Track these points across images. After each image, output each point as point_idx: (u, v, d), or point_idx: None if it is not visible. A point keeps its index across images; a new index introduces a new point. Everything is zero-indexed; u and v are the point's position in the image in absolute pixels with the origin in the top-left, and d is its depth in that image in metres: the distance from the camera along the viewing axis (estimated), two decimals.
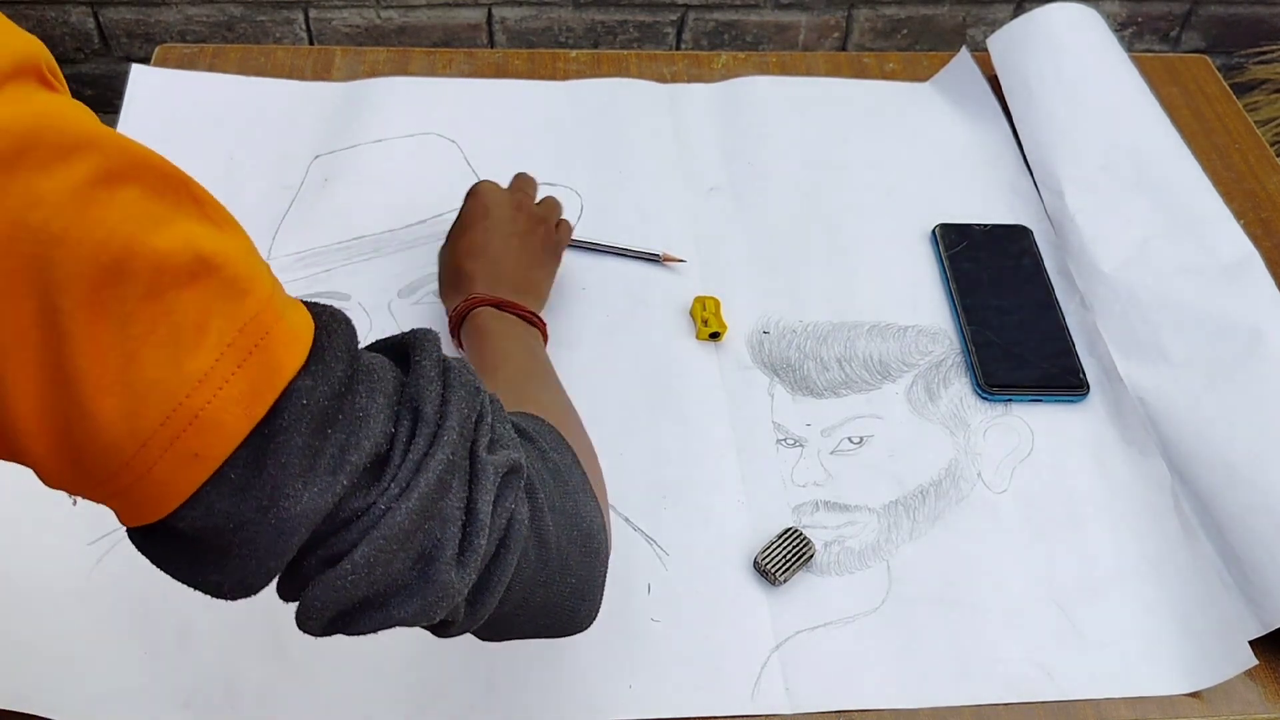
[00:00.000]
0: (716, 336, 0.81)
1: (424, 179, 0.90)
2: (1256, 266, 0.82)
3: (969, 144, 0.97)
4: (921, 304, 0.85)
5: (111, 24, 1.71)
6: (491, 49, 1.28)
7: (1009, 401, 0.79)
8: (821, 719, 0.64)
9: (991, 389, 0.78)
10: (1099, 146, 0.91)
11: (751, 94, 1.00)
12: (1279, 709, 0.65)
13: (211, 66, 0.98)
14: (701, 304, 0.82)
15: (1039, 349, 0.81)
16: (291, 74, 0.99)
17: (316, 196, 0.88)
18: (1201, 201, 0.88)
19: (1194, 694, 0.66)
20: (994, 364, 0.80)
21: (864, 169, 0.95)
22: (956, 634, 0.67)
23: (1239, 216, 0.88)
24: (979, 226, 0.89)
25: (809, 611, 0.68)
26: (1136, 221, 0.86)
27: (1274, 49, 1.74)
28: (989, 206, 0.92)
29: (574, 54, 1.03)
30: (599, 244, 0.86)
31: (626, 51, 1.09)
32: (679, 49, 1.78)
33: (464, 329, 0.71)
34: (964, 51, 1.02)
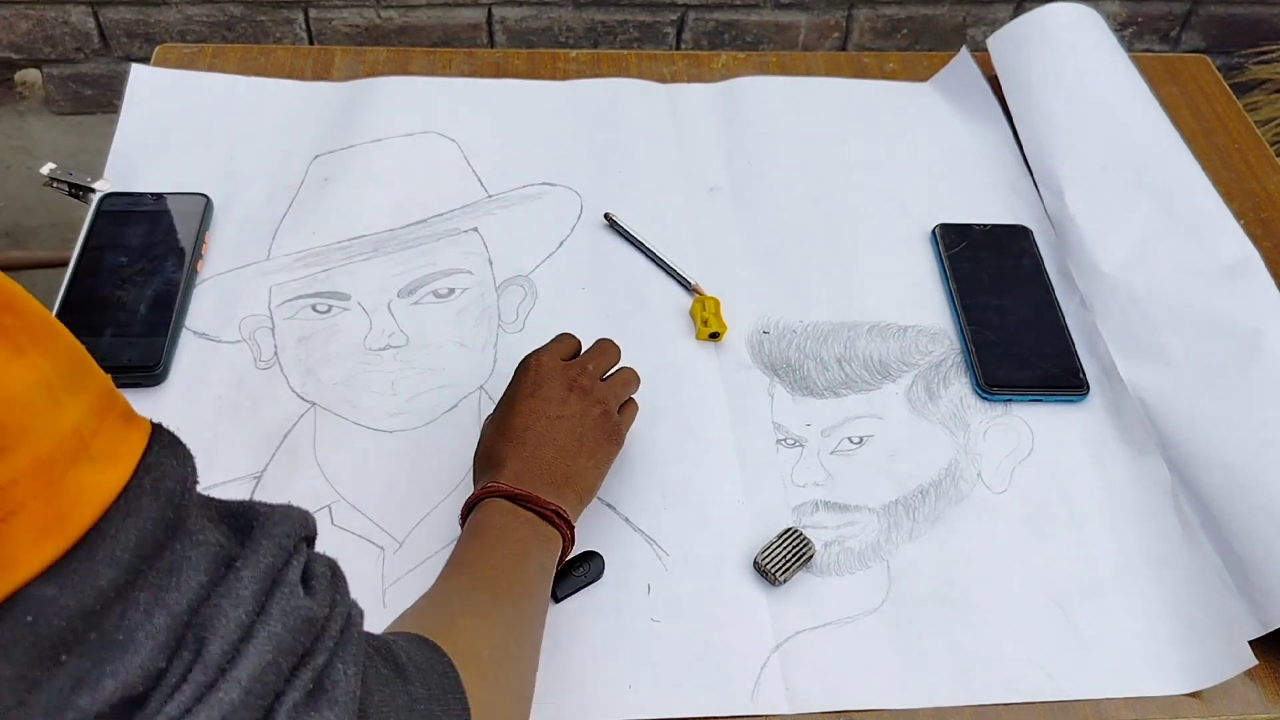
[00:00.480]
0: (716, 336, 0.81)
1: (424, 179, 0.90)
2: (1256, 267, 0.82)
3: (969, 144, 0.97)
4: (921, 304, 0.85)
5: (111, 24, 1.71)
6: (491, 49, 1.28)
7: (1009, 401, 0.79)
8: (821, 719, 0.64)
9: (991, 389, 0.78)
10: (1099, 146, 0.91)
11: (751, 94, 1.00)
12: (1279, 709, 0.65)
13: (211, 66, 0.98)
14: (701, 304, 0.82)
15: (1039, 349, 0.81)
16: (291, 74, 0.99)
17: (316, 196, 0.88)
18: (1201, 201, 0.88)
19: (1194, 694, 0.66)
20: (994, 364, 0.80)
21: (864, 169, 0.95)
22: (956, 634, 0.67)
23: (1239, 216, 0.88)
24: (979, 226, 0.89)
25: (809, 611, 0.68)
26: (1136, 221, 0.86)
27: (1274, 49, 1.74)
28: (989, 206, 0.92)
29: (574, 54, 1.03)
30: (644, 243, 0.86)
31: (626, 51, 1.09)
32: (679, 49, 1.78)
33: (468, 520, 0.61)
34: (964, 51, 1.02)
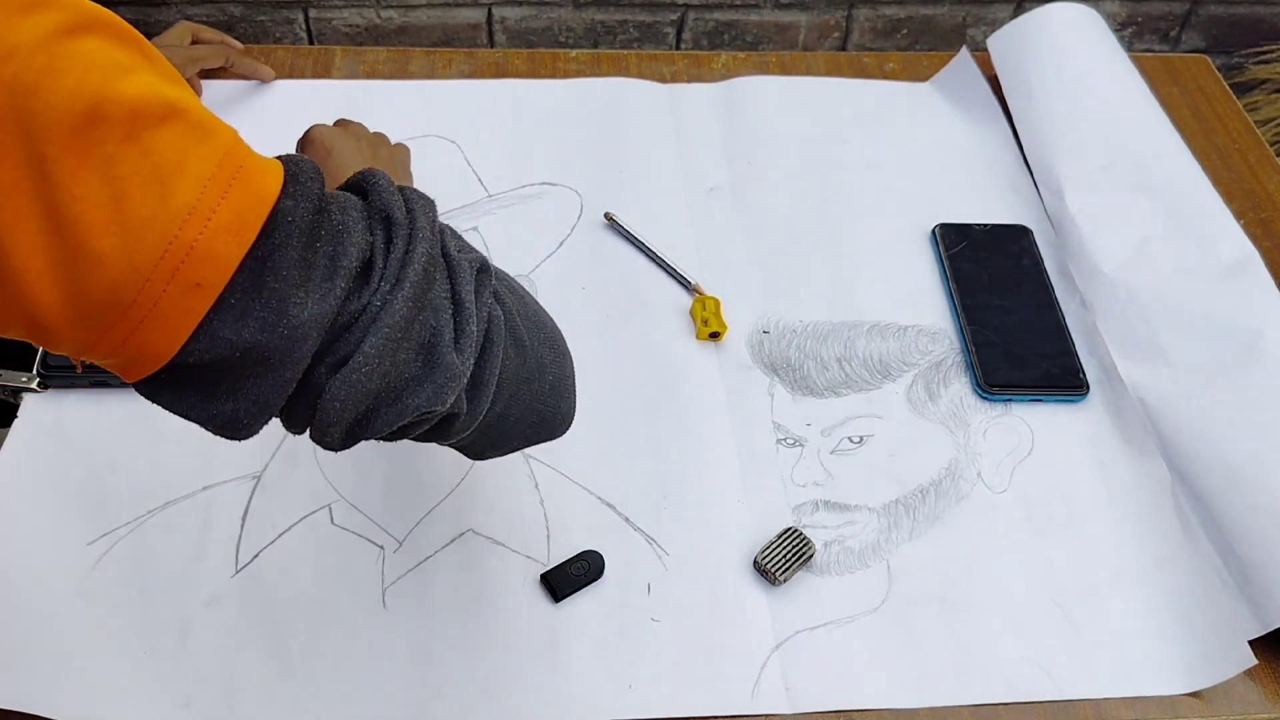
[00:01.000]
0: (716, 336, 0.81)
1: (424, 180, 0.90)
2: (1256, 266, 0.82)
3: (969, 144, 0.97)
4: (921, 304, 0.85)
5: None
6: (491, 49, 1.28)
7: (1009, 401, 0.79)
8: (821, 719, 0.64)
9: (991, 389, 0.78)
10: (1099, 146, 0.91)
11: (751, 94, 1.00)
12: (1279, 709, 0.65)
13: None
14: (701, 304, 0.82)
15: (1039, 349, 0.81)
16: (291, 74, 0.99)
17: None
18: (1201, 201, 0.88)
19: (1194, 694, 0.66)
20: (994, 364, 0.80)
21: (864, 169, 0.95)
22: (956, 634, 0.67)
23: (1239, 216, 0.88)
24: (979, 226, 0.89)
25: (809, 611, 0.68)
26: (1136, 221, 0.86)
27: (1274, 49, 1.74)
28: (989, 206, 0.92)
29: (574, 54, 1.03)
30: (644, 243, 0.86)
31: (626, 51, 1.09)
32: (679, 49, 1.78)
33: None
34: (964, 51, 1.02)
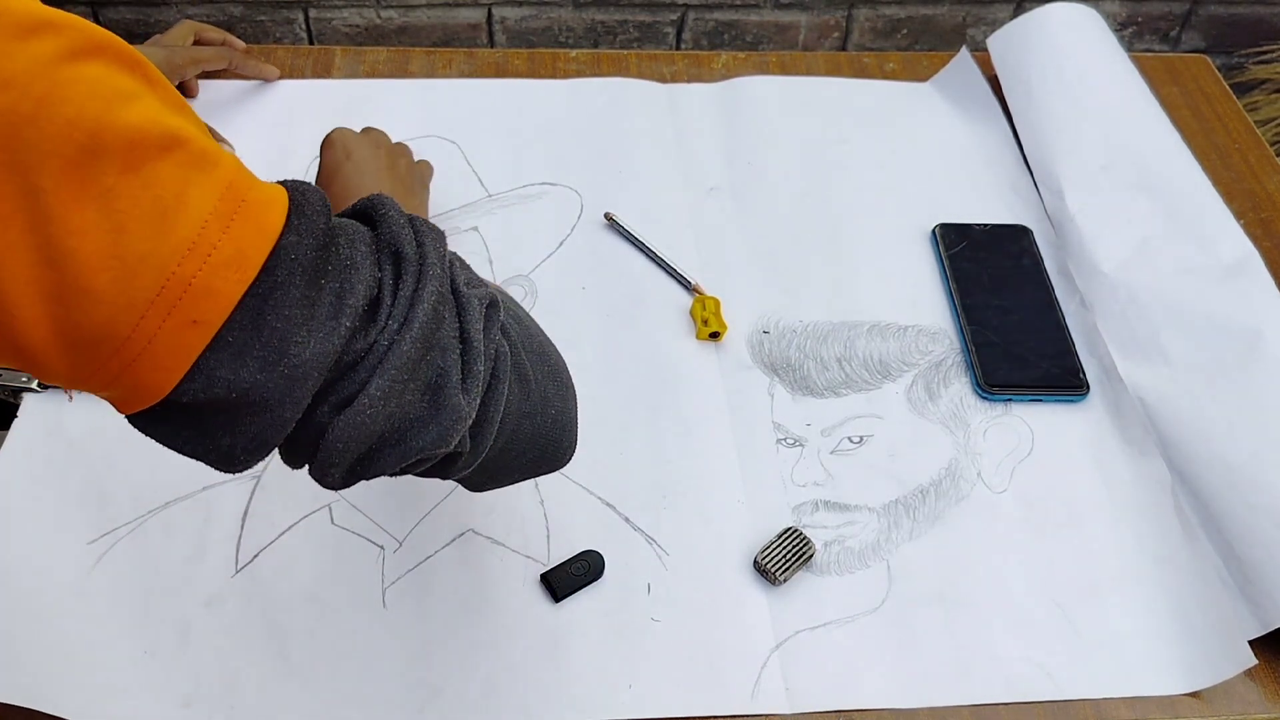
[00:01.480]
0: (716, 336, 0.81)
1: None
2: (1256, 266, 0.82)
3: (969, 144, 0.97)
4: (921, 304, 0.85)
5: (111, 24, 1.71)
6: (491, 49, 1.28)
7: (1009, 401, 0.79)
8: (821, 719, 0.64)
9: (991, 389, 0.78)
10: (1099, 146, 0.91)
11: (751, 94, 1.00)
12: (1279, 709, 0.65)
13: None
14: (701, 304, 0.82)
15: (1039, 349, 0.81)
16: (291, 74, 0.99)
17: None
18: (1201, 201, 0.88)
19: (1194, 694, 0.66)
20: (994, 364, 0.80)
21: (864, 169, 0.95)
22: (956, 634, 0.67)
23: (1239, 216, 0.88)
24: (979, 226, 0.89)
25: (809, 611, 0.68)
26: (1136, 221, 0.86)
27: (1274, 49, 1.74)
28: (989, 206, 0.92)
29: (574, 54, 1.03)
30: (644, 243, 0.86)
31: (626, 51, 1.09)
32: (679, 49, 1.78)
33: None
34: (964, 51, 1.02)
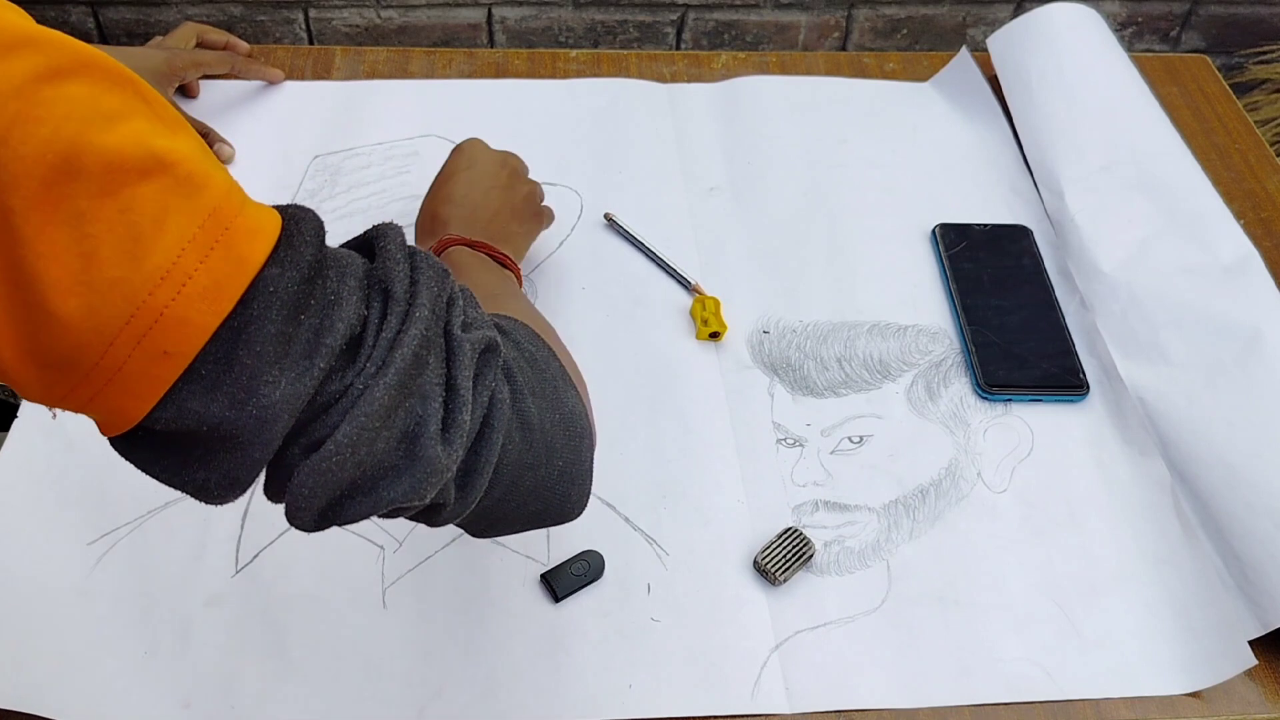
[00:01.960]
0: (716, 336, 0.81)
1: (424, 180, 0.90)
2: (1256, 266, 0.82)
3: (969, 144, 0.97)
4: (921, 304, 0.85)
5: (111, 24, 1.71)
6: (491, 49, 1.28)
7: (1009, 401, 0.79)
8: (821, 719, 0.64)
9: (991, 389, 0.78)
10: (1099, 146, 0.91)
11: (751, 94, 1.00)
12: (1279, 709, 0.65)
13: None
14: (701, 304, 0.82)
15: (1039, 349, 0.81)
16: (291, 74, 0.99)
17: (316, 197, 0.88)
18: (1201, 201, 0.88)
19: (1194, 694, 0.66)
20: (994, 364, 0.80)
21: (864, 169, 0.95)
22: (956, 634, 0.67)
23: (1239, 216, 0.88)
24: (979, 226, 0.89)
25: (809, 611, 0.68)
26: (1136, 221, 0.86)
27: (1274, 49, 1.74)
28: (989, 206, 0.92)
29: (574, 54, 1.03)
30: (644, 243, 0.86)
31: (626, 51, 1.09)
32: (679, 49, 1.78)
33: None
34: (964, 51, 1.02)
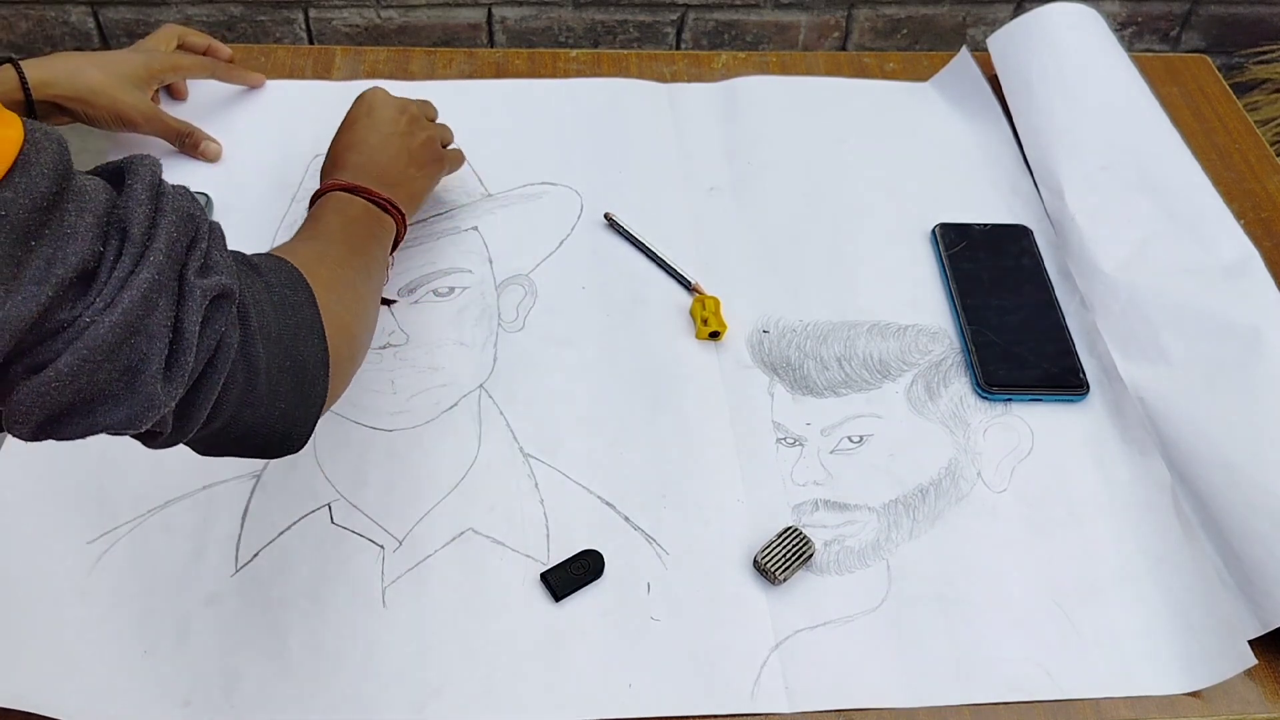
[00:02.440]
0: (716, 336, 0.81)
1: None
2: (1256, 266, 0.82)
3: (969, 144, 0.97)
4: (921, 304, 0.85)
5: (111, 24, 1.71)
6: (491, 49, 1.28)
7: (1009, 401, 0.79)
8: (821, 718, 0.64)
9: (991, 388, 0.78)
10: (1099, 146, 0.91)
11: (751, 94, 1.00)
12: (1279, 709, 0.65)
13: None
14: (701, 303, 0.82)
15: (1039, 349, 0.81)
16: (291, 74, 0.99)
17: None
18: (1201, 201, 0.88)
19: (1194, 694, 0.66)
20: (994, 364, 0.80)
21: (864, 169, 0.95)
22: (956, 633, 0.67)
23: (1239, 216, 0.88)
24: (979, 226, 0.89)
25: (809, 611, 0.68)
26: (1136, 221, 0.86)
27: (1274, 49, 1.74)
28: (989, 206, 0.92)
29: (574, 54, 1.03)
30: (644, 242, 0.86)
31: (626, 51, 1.09)
32: (679, 49, 1.78)
33: (312, 210, 0.71)
34: (964, 51, 1.02)
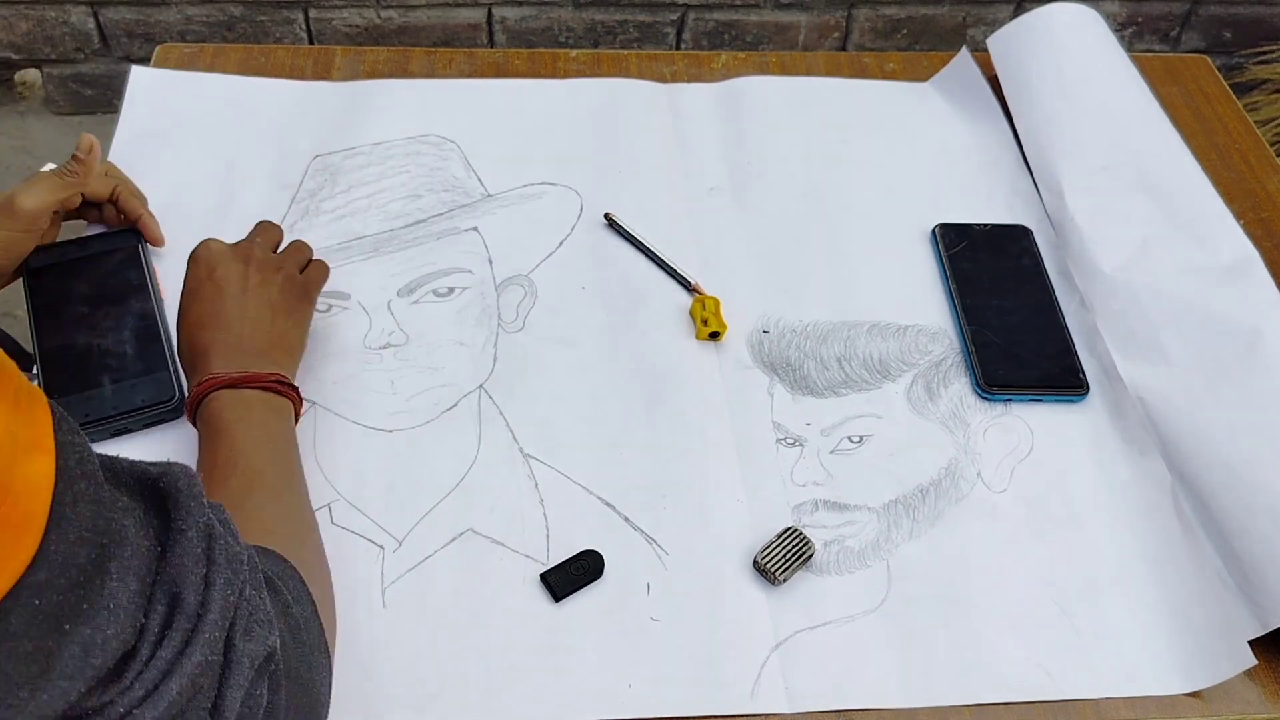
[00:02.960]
0: (716, 336, 0.81)
1: (423, 179, 0.90)
2: (1256, 266, 0.82)
3: (969, 144, 0.97)
4: (921, 304, 0.85)
5: (111, 24, 1.71)
6: (491, 49, 1.28)
7: (1009, 401, 0.79)
8: (821, 718, 0.64)
9: (991, 389, 0.78)
10: (1099, 146, 0.91)
11: (751, 94, 1.00)
12: (1279, 709, 0.65)
13: (211, 66, 0.98)
14: (701, 303, 0.82)
15: (1039, 349, 0.81)
16: (291, 74, 0.99)
17: (316, 196, 0.88)
18: (1201, 201, 0.88)
19: (1194, 694, 0.66)
20: (994, 364, 0.80)
21: (864, 169, 0.95)
22: (956, 633, 0.67)
23: (1239, 216, 0.88)
24: (979, 226, 0.89)
25: (809, 611, 0.68)
26: (1136, 221, 0.86)
27: (1274, 49, 1.74)
28: (989, 206, 0.92)
29: (574, 54, 1.03)
30: (644, 243, 0.86)
31: (626, 51, 1.09)
32: (679, 49, 1.78)
33: (199, 416, 0.64)
34: (964, 51, 1.02)
